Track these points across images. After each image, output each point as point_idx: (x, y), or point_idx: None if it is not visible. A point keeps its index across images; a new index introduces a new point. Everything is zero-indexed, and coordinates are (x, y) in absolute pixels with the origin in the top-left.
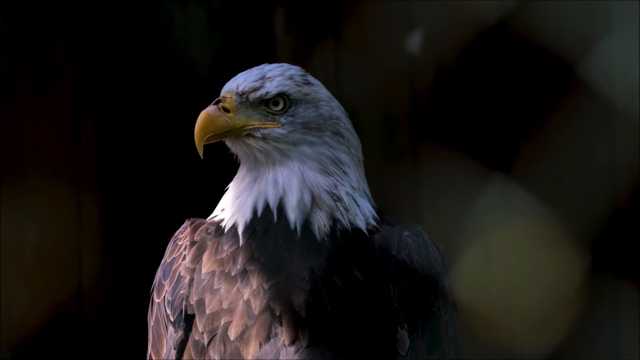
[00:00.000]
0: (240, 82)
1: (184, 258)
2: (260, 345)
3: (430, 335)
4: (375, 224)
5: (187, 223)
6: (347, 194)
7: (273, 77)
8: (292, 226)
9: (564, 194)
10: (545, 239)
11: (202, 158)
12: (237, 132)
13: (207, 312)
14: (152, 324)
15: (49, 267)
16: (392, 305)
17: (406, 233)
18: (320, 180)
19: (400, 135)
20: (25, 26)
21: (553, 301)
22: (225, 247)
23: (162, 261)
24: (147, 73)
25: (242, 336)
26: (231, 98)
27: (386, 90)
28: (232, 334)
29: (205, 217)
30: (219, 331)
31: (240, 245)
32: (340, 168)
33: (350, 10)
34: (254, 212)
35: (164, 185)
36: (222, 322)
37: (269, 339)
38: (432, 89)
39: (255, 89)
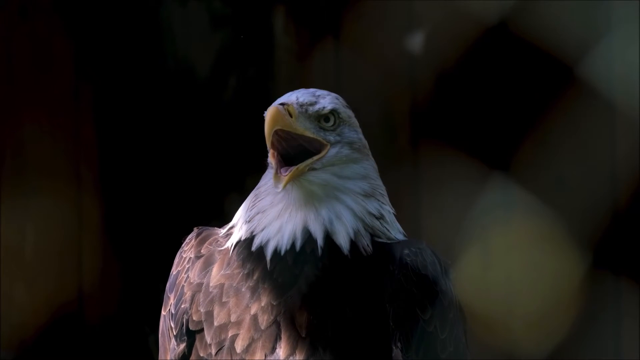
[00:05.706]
0: (299, 95)
1: (187, 272)
2: (266, 356)
3: (425, 354)
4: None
5: (192, 234)
6: (388, 212)
7: (324, 95)
8: (345, 252)
9: (564, 193)
10: (546, 238)
11: (269, 149)
12: (302, 169)
13: (215, 324)
14: (159, 336)
15: (49, 267)
16: (388, 324)
17: (406, 251)
18: (367, 205)
19: (400, 135)
20: (26, 23)
21: (553, 301)
22: (239, 263)
23: (170, 273)
24: (147, 72)
25: (247, 349)
26: (293, 106)
27: (386, 90)
28: (239, 346)
29: (206, 217)
30: (226, 343)
31: (263, 266)
32: (379, 189)
33: (350, 10)
34: (293, 239)
35: (165, 185)
36: (230, 334)
37: (274, 351)
38: (432, 89)
39: (312, 103)
